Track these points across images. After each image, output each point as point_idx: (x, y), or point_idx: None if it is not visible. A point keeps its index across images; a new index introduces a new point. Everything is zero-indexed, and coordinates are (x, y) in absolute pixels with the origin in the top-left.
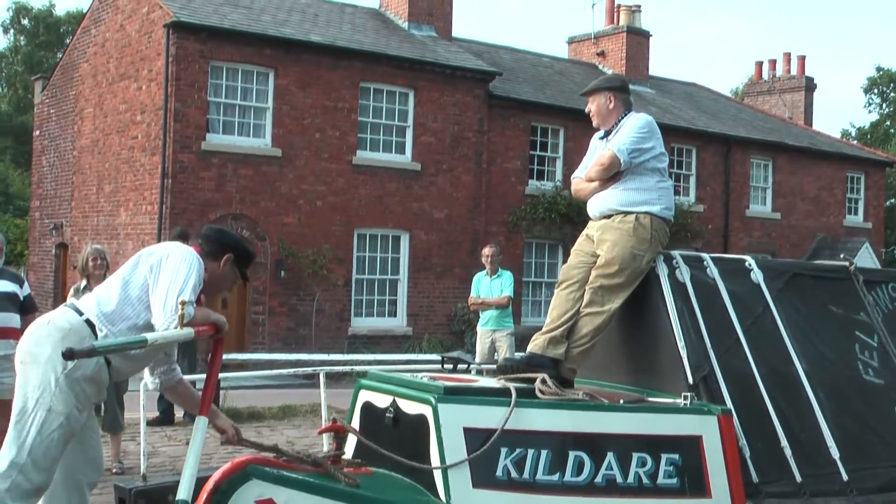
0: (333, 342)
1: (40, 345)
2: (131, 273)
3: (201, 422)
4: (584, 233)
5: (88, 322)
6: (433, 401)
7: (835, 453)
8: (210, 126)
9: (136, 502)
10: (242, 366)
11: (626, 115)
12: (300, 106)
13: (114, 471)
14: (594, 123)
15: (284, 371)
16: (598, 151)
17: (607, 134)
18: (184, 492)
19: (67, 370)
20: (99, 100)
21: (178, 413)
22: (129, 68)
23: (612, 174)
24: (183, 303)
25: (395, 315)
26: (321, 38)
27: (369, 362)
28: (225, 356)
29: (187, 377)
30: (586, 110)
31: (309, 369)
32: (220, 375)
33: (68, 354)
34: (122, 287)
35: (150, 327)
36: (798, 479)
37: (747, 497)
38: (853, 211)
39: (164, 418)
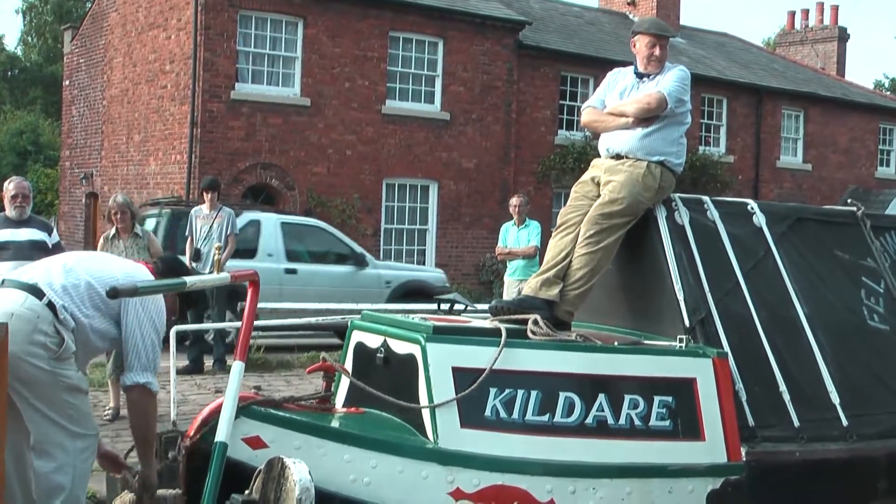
0: None
1: (16, 343)
2: (101, 286)
3: (238, 366)
4: (586, 176)
5: (50, 304)
6: (422, 340)
7: (835, 398)
8: (239, 75)
9: (166, 449)
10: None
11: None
12: (329, 55)
13: None
14: (647, 67)
15: (313, 319)
16: (626, 89)
17: (643, 76)
18: (222, 434)
19: (59, 354)
20: (128, 49)
21: (208, 362)
22: (158, 17)
23: (651, 116)
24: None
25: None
26: None
27: (397, 311)
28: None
29: (220, 325)
30: (655, 54)
31: (338, 318)
32: None
33: (112, 293)
34: (89, 291)
35: (98, 332)
36: (796, 423)
37: (743, 440)
38: (885, 162)
39: (194, 367)
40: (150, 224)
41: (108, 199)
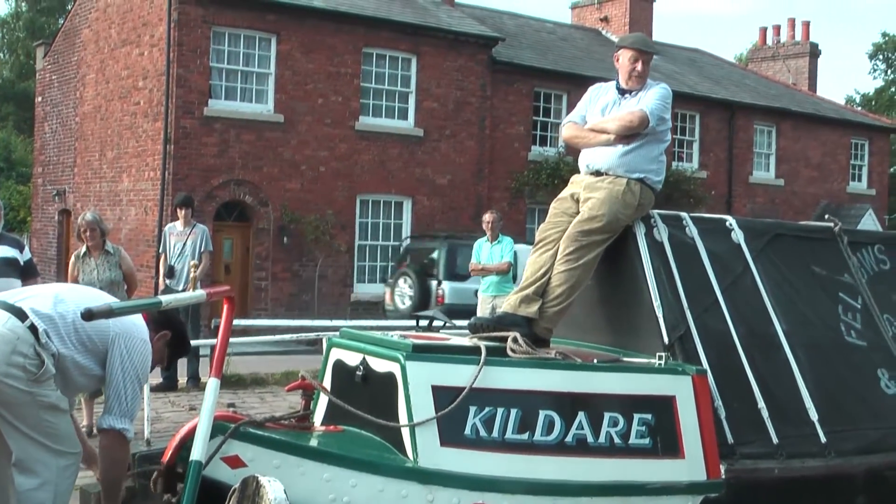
0: (336, 308)
1: None
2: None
3: (213, 383)
4: (565, 193)
5: (32, 328)
6: (401, 358)
7: (813, 415)
8: (212, 92)
9: (140, 466)
10: (245, 332)
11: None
12: (303, 71)
13: None
14: (628, 83)
15: (287, 336)
16: (608, 105)
17: (625, 92)
18: (197, 452)
19: (37, 377)
20: (101, 66)
21: (182, 379)
22: (131, 34)
23: (632, 134)
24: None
25: None
26: (323, 4)
27: (372, 328)
28: None
29: (193, 342)
30: (637, 70)
31: (312, 335)
32: None
33: (87, 315)
34: (76, 325)
35: (80, 367)
36: (775, 440)
37: (722, 458)
38: (857, 177)
39: (168, 384)
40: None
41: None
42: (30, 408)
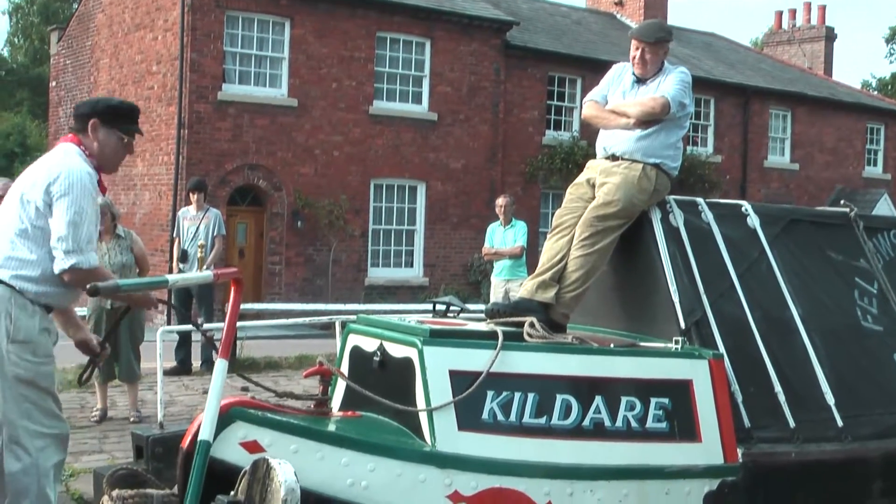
0: (350, 293)
1: None
2: (34, 217)
3: (221, 364)
4: (581, 178)
5: (4, 283)
6: (419, 344)
7: (830, 399)
8: (226, 76)
9: (153, 450)
10: (259, 315)
11: (664, 64)
12: (316, 56)
13: (131, 419)
14: (641, 71)
15: (301, 320)
16: (628, 89)
17: (640, 80)
18: (206, 433)
19: (11, 336)
20: (115, 50)
21: (196, 362)
22: (145, 18)
23: (653, 119)
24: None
25: (411, 266)
26: None
27: (386, 312)
28: (242, 306)
29: (207, 326)
30: (637, 57)
31: (325, 318)
32: (237, 324)
33: (93, 291)
34: (25, 235)
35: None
36: (791, 424)
37: (739, 442)
38: (872, 162)
39: (181, 368)
40: None
41: None
42: (6, 381)
